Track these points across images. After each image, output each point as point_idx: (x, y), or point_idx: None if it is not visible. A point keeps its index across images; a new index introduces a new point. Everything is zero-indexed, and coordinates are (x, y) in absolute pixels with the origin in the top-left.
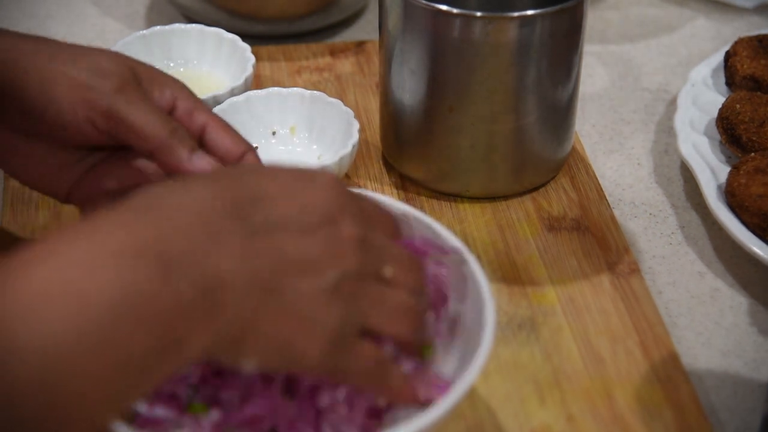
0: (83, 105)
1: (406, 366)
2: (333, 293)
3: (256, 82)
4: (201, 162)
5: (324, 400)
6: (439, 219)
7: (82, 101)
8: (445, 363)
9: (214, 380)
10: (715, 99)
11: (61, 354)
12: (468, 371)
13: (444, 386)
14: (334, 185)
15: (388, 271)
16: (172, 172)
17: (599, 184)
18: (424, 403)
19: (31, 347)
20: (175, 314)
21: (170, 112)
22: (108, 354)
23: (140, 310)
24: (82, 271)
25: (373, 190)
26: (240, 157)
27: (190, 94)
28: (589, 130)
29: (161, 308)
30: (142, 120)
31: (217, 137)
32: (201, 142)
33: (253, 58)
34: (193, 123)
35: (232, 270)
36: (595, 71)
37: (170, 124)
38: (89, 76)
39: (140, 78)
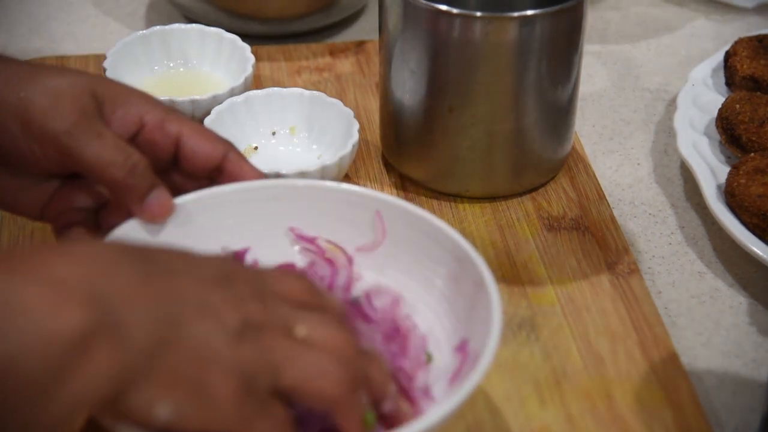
0: (38, 142)
1: None
2: (238, 338)
3: (255, 82)
4: (157, 202)
5: None
6: None
7: (37, 139)
8: (448, 366)
9: None
10: (714, 99)
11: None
12: (473, 373)
13: None
14: (234, 263)
15: (301, 330)
16: (128, 208)
17: (599, 184)
18: None
19: None
20: (66, 340)
21: (139, 128)
22: (9, 386)
23: (32, 341)
24: (11, 305)
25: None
26: (222, 158)
27: (159, 107)
28: (588, 130)
29: (51, 335)
30: (97, 160)
31: (193, 143)
32: (178, 151)
33: (252, 58)
34: (165, 134)
35: (129, 297)
36: (595, 71)
37: (128, 161)
38: (45, 110)
39: (102, 100)
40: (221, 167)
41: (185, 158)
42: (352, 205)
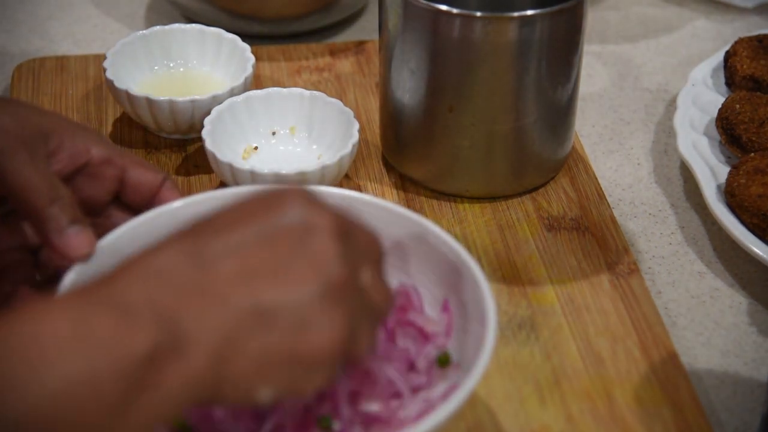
0: None
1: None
2: (324, 299)
3: (255, 82)
4: (76, 237)
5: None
6: (439, 219)
7: None
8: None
9: None
10: (714, 99)
11: (58, 402)
12: (471, 374)
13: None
14: (303, 196)
15: (365, 276)
16: (44, 243)
17: (599, 184)
18: None
19: (34, 395)
20: (138, 359)
21: (87, 160)
22: (90, 403)
23: (107, 361)
24: (74, 330)
25: (373, 190)
26: (160, 185)
27: (105, 142)
28: (589, 130)
29: (124, 355)
30: (23, 183)
31: (137, 173)
32: (123, 182)
33: (252, 58)
34: (113, 166)
35: (191, 307)
36: (595, 71)
37: (54, 192)
38: None
39: (49, 133)
40: (158, 195)
41: (131, 187)
42: None
